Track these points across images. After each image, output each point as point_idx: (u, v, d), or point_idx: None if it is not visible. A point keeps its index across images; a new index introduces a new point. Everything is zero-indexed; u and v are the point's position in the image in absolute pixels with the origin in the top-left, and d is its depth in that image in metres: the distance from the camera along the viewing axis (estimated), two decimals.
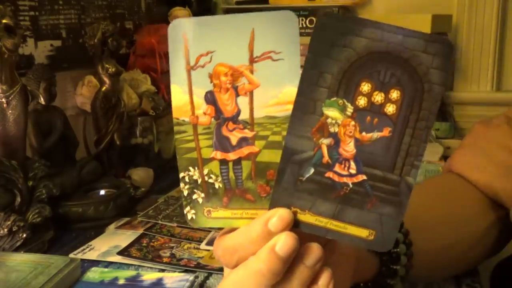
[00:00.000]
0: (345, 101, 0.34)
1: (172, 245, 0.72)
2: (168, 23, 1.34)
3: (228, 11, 1.40)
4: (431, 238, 0.56)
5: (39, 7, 0.91)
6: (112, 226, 0.80)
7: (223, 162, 0.36)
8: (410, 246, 0.50)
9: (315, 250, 0.35)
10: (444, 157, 1.00)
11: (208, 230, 0.75)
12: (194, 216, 0.38)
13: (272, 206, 0.36)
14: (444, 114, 1.33)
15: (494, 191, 0.59)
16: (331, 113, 0.34)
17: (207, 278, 0.64)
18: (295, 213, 0.35)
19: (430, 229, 0.56)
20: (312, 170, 0.35)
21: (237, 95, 0.35)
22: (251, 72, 0.35)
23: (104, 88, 0.92)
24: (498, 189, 0.59)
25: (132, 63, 1.11)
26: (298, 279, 0.35)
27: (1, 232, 0.68)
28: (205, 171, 0.37)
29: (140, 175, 0.95)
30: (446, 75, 0.33)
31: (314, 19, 1.34)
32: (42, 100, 0.81)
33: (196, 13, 1.29)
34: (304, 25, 1.35)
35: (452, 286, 0.61)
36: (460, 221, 0.59)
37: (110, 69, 0.91)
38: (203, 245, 0.71)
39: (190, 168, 0.37)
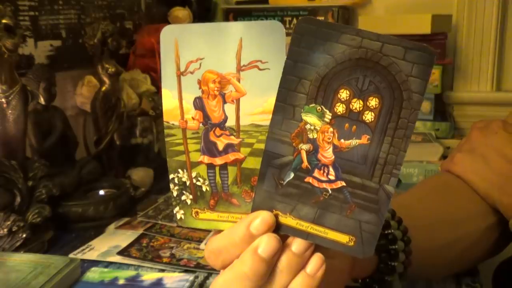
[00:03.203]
0: (323, 107, 0.34)
1: (172, 245, 0.72)
2: (168, 23, 1.34)
3: (228, 11, 1.40)
4: (430, 236, 0.56)
5: (39, 7, 0.91)
6: (112, 226, 0.80)
7: (210, 166, 0.37)
8: (409, 243, 0.50)
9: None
10: (444, 157, 1.00)
11: (207, 230, 0.75)
12: (182, 216, 0.39)
13: (254, 208, 0.36)
14: (444, 114, 1.33)
15: (491, 200, 0.60)
16: (310, 119, 0.34)
17: (207, 278, 0.64)
18: (276, 216, 0.36)
19: (429, 228, 0.56)
20: (292, 175, 0.35)
21: (224, 102, 0.36)
22: (238, 80, 0.36)
23: (104, 88, 0.92)
24: (495, 200, 0.59)
25: (132, 63, 1.11)
26: (287, 267, 0.35)
27: (1, 232, 0.68)
28: (193, 174, 0.38)
29: (140, 175, 0.95)
30: (426, 83, 0.33)
31: None
32: (42, 100, 0.81)
33: (196, 13, 1.29)
34: None
35: (452, 286, 0.61)
36: (459, 220, 0.59)
37: (110, 69, 0.91)
38: (202, 245, 0.71)
39: (179, 170, 0.38)
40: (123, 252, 0.70)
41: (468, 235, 0.59)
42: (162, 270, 0.66)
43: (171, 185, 0.38)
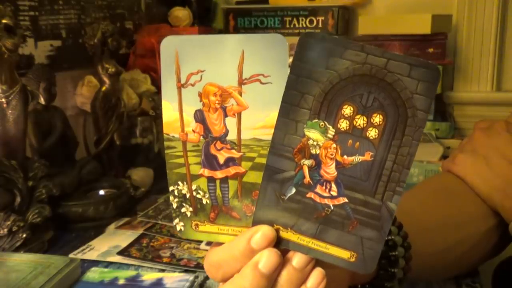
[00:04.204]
0: (326, 123, 0.34)
1: (172, 245, 0.72)
2: (168, 23, 1.33)
3: (228, 11, 1.40)
4: (431, 241, 0.55)
5: (39, 7, 0.91)
6: (112, 226, 0.80)
7: (211, 180, 0.37)
8: (409, 249, 0.49)
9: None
10: (444, 157, 1.00)
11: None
12: (182, 228, 0.39)
13: (255, 223, 0.36)
14: (444, 114, 1.33)
15: (493, 203, 0.59)
16: (312, 134, 0.34)
17: (207, 278, 0.64)
18: (277, 231, 0.36)
19: (430, 231, 0.56)
20: (293, 190, 0.35)
21: (226, 115, 0.36)
22: (240, 94, 0.35)
23: (104, 88, 0.93)
24: (496, 203, 0.59)
25: (132, 63, 1.11)
26: (287, 282, 0.35)
27: (1, 232, 0.68)
28: (194, 187, 0.38)
29: (140, 175, 0.95)
30: (431, 101, 0.33)
31: (314, 19, 1.34)
32: (42, 100, 0.81)
33: (196, 13, 1.29)
34: (304, 25, 1.35)
35: (452, 286, 0.61)
36: (460, 223, 0.59)
37: (110, 69, 0.91)
38: (203, 245, 0.71)
39: (179, 182, 0.38)
40: (123, 252, 0.70)
41: (468, 238, 0.59)
42: (162, 270, 0.66)
43: (171, 197, 0.38)
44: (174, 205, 0.38)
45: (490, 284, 0.86)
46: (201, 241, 0.72)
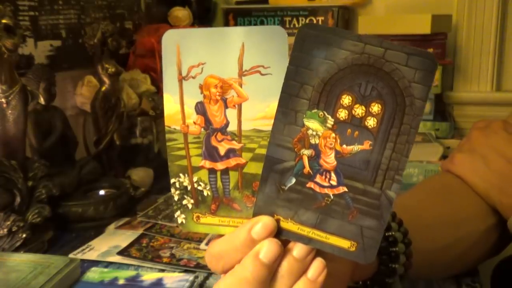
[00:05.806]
0: (325, 113, 0.34)
1: (172, 245, 0.72)
2: (168, 23, 1.33)
3: (228, 11, 1.40)
4: (430, 238, 0.56)
5: (39, 7, 0.91)
6: (112, 226, 0.80)
7: (212, 171, 0.38)
8: (409, 245, 0.50)
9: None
10: (444, 157, 1.00)
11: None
12: (184, 221, 0.39)
13: (255, 213, 0.36)
14: (444, 114, 1.33)
15: (491, 201, 0.60)
16: (312, 124, 0.35)
17: (207, 278, 0.64)
18: (278, 221, 0.36)
19: (430, 229, 0.56)
20: (293, 180, 0.36)
21: (226, 107, 0.36)
22: (240, 85, 0.36)
23: (104, 88, 0.93)
24: (494, 200, 0.59)
25: (132, 63, 1.11)
26: (288, 272, 0.35)
27: (1, 232, 0.68)
28: (195, 179, 0.38)
29: (140, 175, 0.95)
30: (428, 89, 0.33)
31: (314, 19, 1.34)
32: (42, 100, 0.81)
33: (196, 13, 1.29)
34: None
35: (452, 286, 0.61)
36: (459, 221, 0.59)
37: (109, 69, 0.91)
38: (202, 245, 0.71)
39: (181, 174, 0.38)
40: (123, 252, 0.70)
41: (468, 236, 0.59)
42: (162, 270, 0.66)
43: (172, 190, 0.38)
44: (176, 198, 0.39)
45: (489, 284, 0.86)
46: (202, 235, 0.72)
